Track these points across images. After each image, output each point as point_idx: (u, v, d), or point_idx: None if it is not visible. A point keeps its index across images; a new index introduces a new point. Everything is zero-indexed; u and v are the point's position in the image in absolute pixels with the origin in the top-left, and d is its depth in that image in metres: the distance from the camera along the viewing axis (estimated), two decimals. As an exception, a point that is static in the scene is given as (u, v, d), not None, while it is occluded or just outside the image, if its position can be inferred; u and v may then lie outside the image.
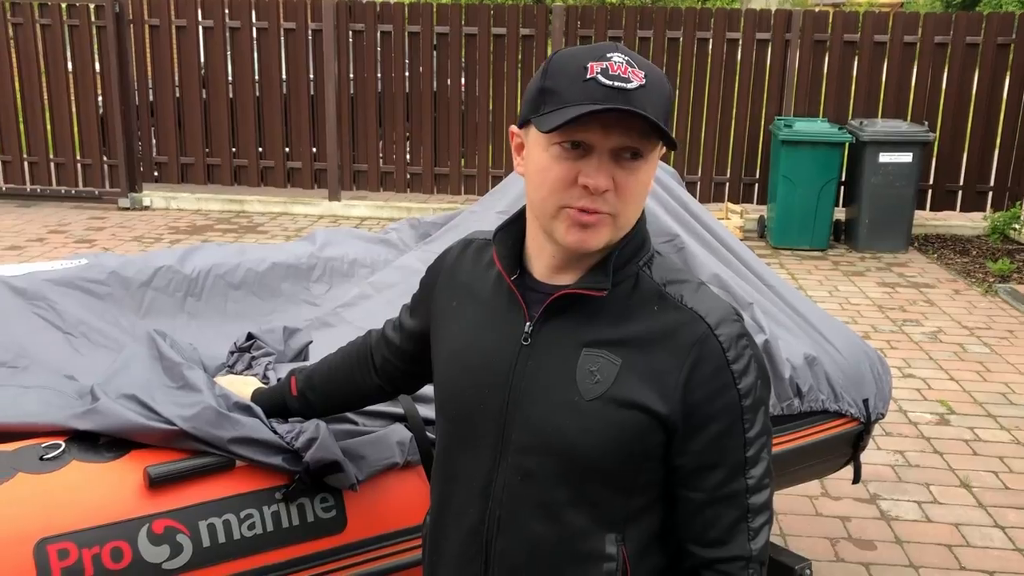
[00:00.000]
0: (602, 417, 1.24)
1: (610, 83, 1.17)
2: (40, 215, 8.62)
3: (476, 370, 1.32)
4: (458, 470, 1.34)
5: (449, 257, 1.46)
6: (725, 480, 1.27)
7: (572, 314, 1.28)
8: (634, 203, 1.25)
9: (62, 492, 1.51)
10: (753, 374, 1.28)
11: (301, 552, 1.66)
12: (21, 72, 8.92)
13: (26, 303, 2.51)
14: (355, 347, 1.66)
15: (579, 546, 1.29)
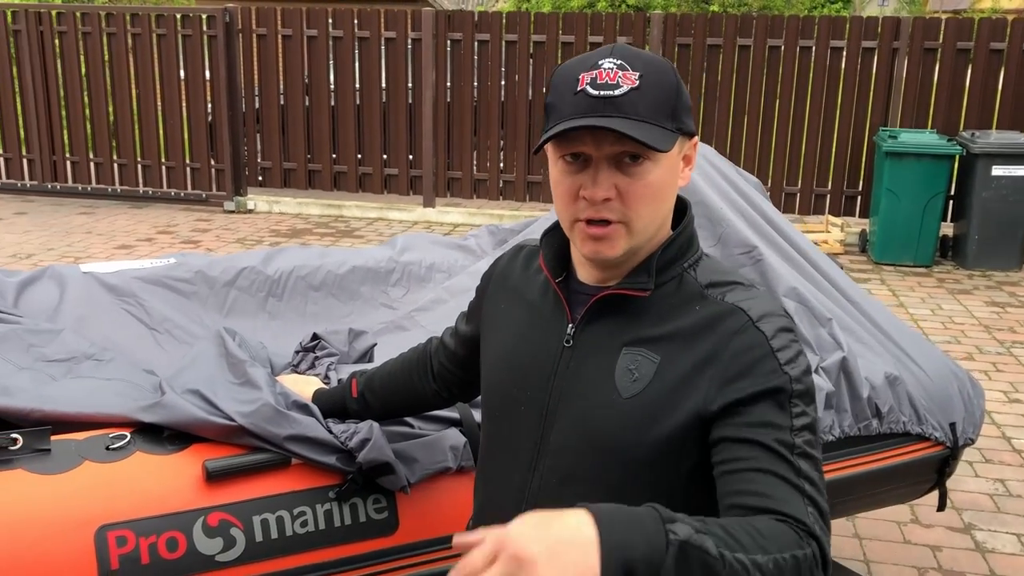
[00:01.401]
0: (641, 414, 1.22)
1: (597, 93, 1.17)
2: (151, 216, 9.02)
3: (520, 371, 1.33)
4: (497, 472, 1.34)
5: (500, 263, 1.47)
6: (774, 457, 1.14)
7: (614, 315, 1.27)
8: (646, 206, 1.22)
9: (124, 481, 1.56)
10: (802, 365, 1.21)
11: (352, 552, 1.68)
12: (138, 80, 9.36)
13: (116, 299, 2.62)
14: (416, 352, 1.68)
15: None
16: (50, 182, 9.77)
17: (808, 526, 1.11)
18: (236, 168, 9.37)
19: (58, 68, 9.48)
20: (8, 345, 2.16)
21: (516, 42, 8.89)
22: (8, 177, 9.89)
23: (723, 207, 2.65)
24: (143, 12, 9.17)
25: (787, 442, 1.17)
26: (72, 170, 9.77)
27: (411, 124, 9.18)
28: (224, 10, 9.05)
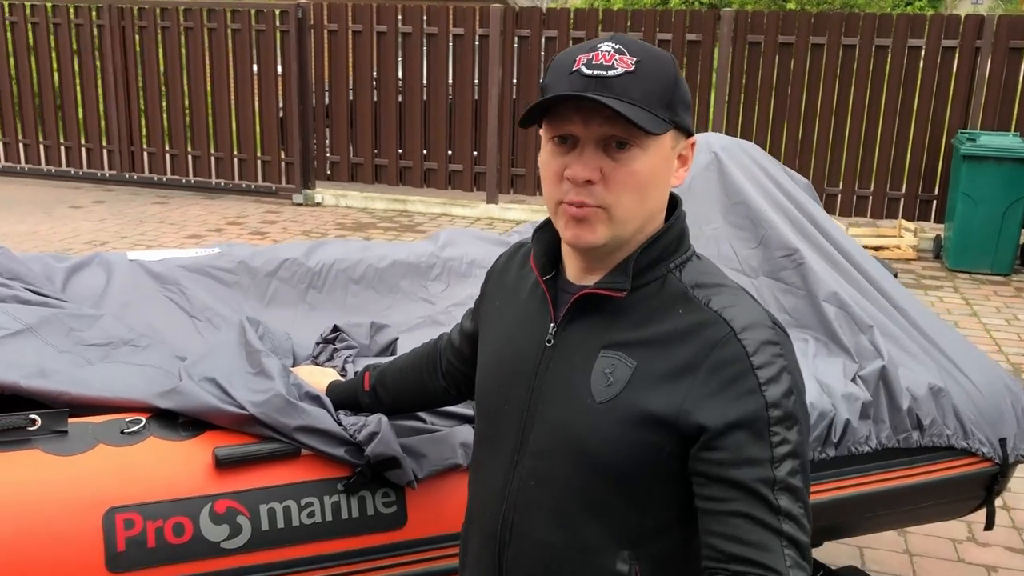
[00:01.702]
0: (612, 420, 1.18)
1: (590, 72, 1.15)
2: (222, 207, 9.23)
3: (505, 370, 1.31)
4: (483, 472, 1.33)
5: (500, 260, 1.45)
6: (750, 497, 1.12)
7: (596, 315, 1.24)
8: (629, 194, 1.18)
9: (136, 465, 1.59)
10: (784, 384, 1.15)
11: (359, 544, 1.68)
12: (212, 74, 9.59)
13: (160, 287, 2.67)
14: (427, 349, 1.67)
15: (590, 559, 1.22)
16: (128, 172, 10.09)
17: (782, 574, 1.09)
18: (305, 162, 9.53)
19: (138, 62, 9.77)
20: (50, 329, 2.22)
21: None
22: (89, 167, 10.24)
23: (766, 208, 2.59)
24: (219, 7, 9.39)
25: (767, 478, 1.12)
26: (149, 161, 10.06)
27: (476, 120, 9.20)
28: (297, 6, 9.21)
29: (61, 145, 10.24)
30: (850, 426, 2.15)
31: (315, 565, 1.65)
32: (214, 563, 1.58)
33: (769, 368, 1.15)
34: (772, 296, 2.52)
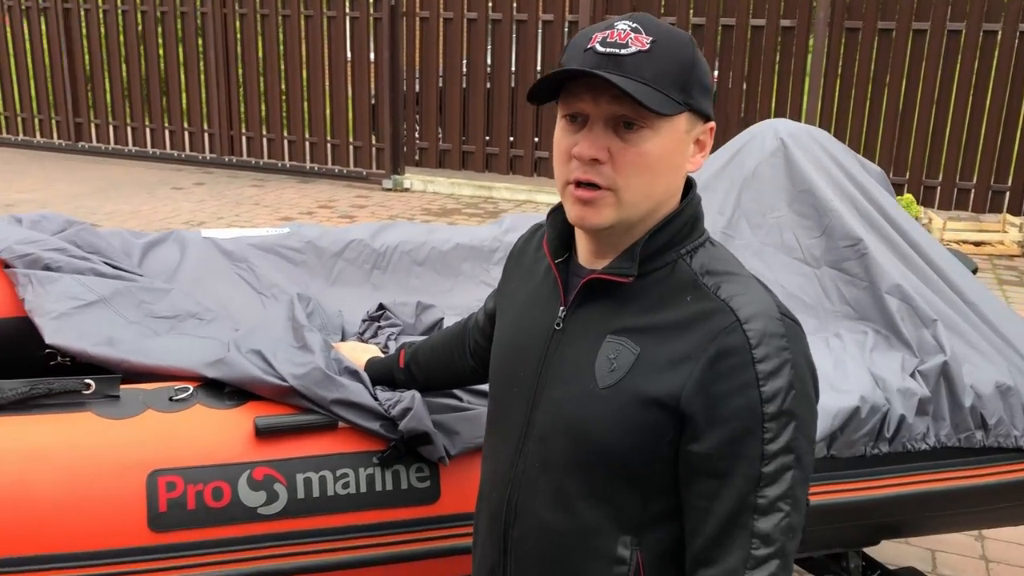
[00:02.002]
0: (614, 406, 1.18)
1: (604, 50, 1.13)
2: (314, 190, 9.47)
3: (516, 352, 1.31)
4: (494, 452, 1.34)
5: (520, 242, 1.45)
6: (732, 494, 1.13)
7: (603, 300, 1.23)
8: (637, 176, 1.16)
9: (180, 431, 1.67)
10: (784, 379, 1.13)
11: (391, 517, 1.72)
12: (308, 61, 9.83)
13: (231, 264, 2.78)
14: (457, 328, 1.69)
15: (591, 543, 1.22)
16: (227, 155, 10.44)
17: None
18: (395, 147, 9.68)
19: (238, 50, 10.09)
20: (123, 300, 2.34)
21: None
22: (191, 150, 10.64)
23: (831, 197, 2.52)
24: (316, -5, 9.61)
25: (751, 475, 1.12)
26: (247, 145, 10.39)
27: (565, 107, 9.19)
28: (390, -7, 9.35)
29: (166, 129, 10.67)
30: (905, 422, 2.08)
31: (348, 535, 1.70)
32: (251, 527, 1.64)
33: (770, 361, 1.13)
34: (834, 286, 2.45)
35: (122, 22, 10.44)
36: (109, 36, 10.52)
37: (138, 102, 10.63)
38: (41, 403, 1.65)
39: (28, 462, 1.56)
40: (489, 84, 9.41)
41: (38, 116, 11.15)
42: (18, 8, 10.79)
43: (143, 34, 10.43)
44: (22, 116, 11.24)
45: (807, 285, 2.48)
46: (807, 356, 1.19)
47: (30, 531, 1.53)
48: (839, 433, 2.04)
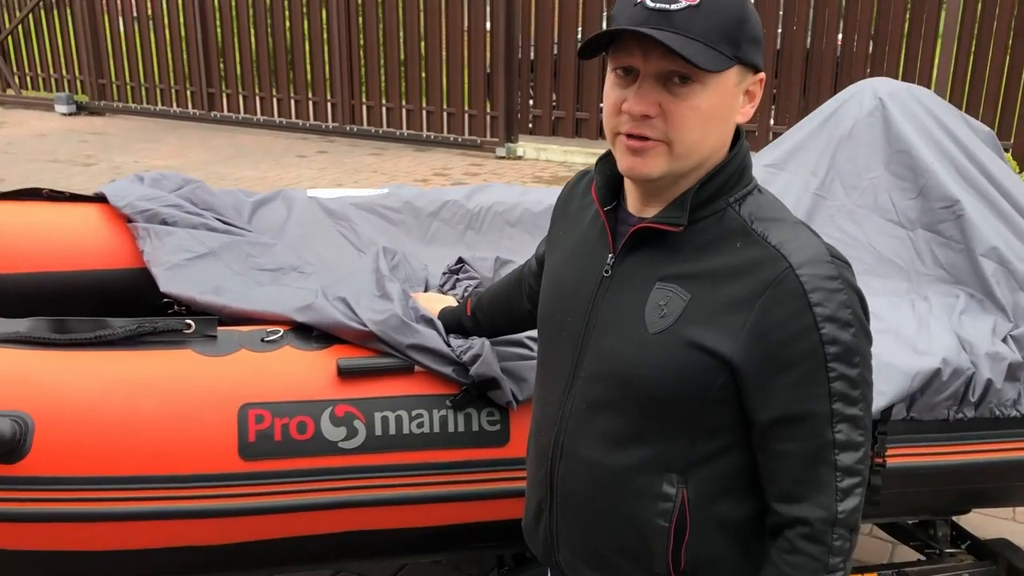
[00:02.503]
0: (664, 351, 1.21)
1: (654, 5, 1.14)
2: (430, 159, 9.67)
3: (564, 298, 1.35)
4: (543, 393, 1.39)
5: (567, 188, 1.48)
6: (808, 433, 1.18)
7: (652, 248, 1.25)
8: (690, 130, 1.18)
9: (270, 369, 1.80)
10: (843, 318, 1.16)
11: (463, 456, 1.81)
12: (426, 31, 10.00)
13: (333, 222, 2.92)
14: (514, 275, 1.75)
15: (636, 480, 1.27)
16: (348, 124, 10.76)
17: (829, 512, 1.19)
18: (509, 116, 9.77)
19: (360, 21, 10.35)
20: (231, 253, 2.51)
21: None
22: (315, 119, 11.01)
23: (928, 158, 2.45)
24: (434, -35, 9.76)
25: (824, 413, 1.17)
26: (367, 114, 10.68)
27: (680, 74, 9.07)
28: (506, -39, 9.40)
29: (291, 99, 11.07)
30: (992, 387, 2.03)
31: (422, 471, 1.80)
32: (331, 460, 1.76)
33: (827, 304, 1.16)
34: (928, 249, 2.39)
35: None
36: (240, 10, 10.97)
37: (266, 73, 11.06)
38: (147, 340, 1.80)
39: (134, 392, 1.72)
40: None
41: (174, 87, 11.75)
42: (157, -16, 11.38)
43: (271, 7, 10.82)
44: (160, 87, 11.87)
45: (900, 248, 2.43)
46: (859, 292, 1.22)
47: (135, 453, 1.69)
48: (919, 395, 2.01)
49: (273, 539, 1.81)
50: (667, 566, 1.27)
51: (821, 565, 1.19)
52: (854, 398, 1.19)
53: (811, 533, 1.19)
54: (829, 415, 1.17)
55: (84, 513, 1.68)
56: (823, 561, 1.19)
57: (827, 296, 1.16)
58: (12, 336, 1.75)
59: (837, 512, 1.19)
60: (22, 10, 12.53)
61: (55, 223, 2.63)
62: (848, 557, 1.22)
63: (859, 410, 1.19)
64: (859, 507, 1.21)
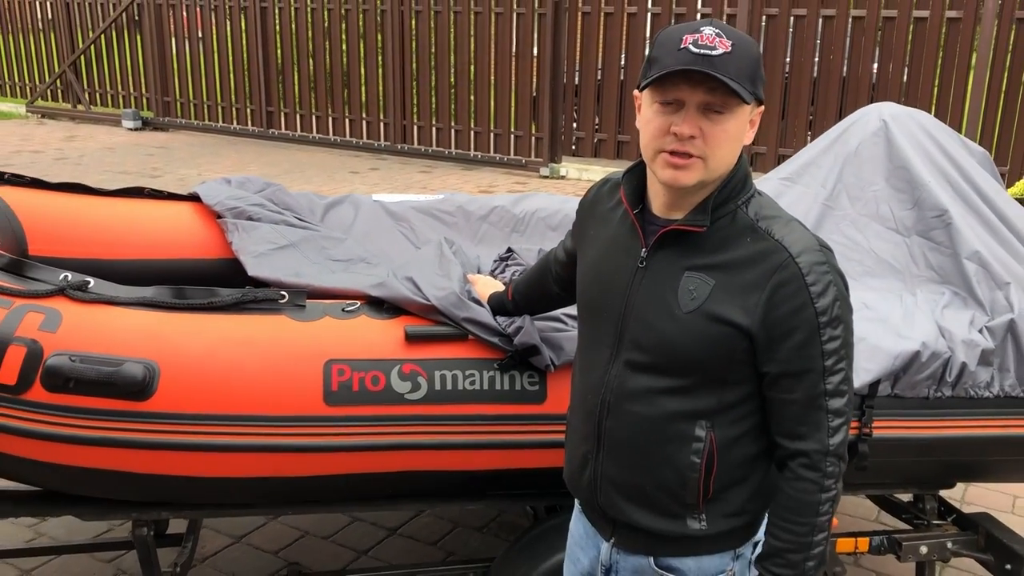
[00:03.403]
0: (696, 325, 1.53)
1: (698, 51, 1.44)
2: (476, 177, 10.09)
3: (604, 283, 1.66)
4: (587, 362, 1.70)
5: (591, 193, 1.80)
6: (807, 384, 1.51)
7: (679, 244, 1.57)
8: (721, 149, 1.49)
9: (350, 333, 2.16)
10: (831, 295, 1.49)
11: (507, 411, 2.16)
12: (476, 55, 10.45)
13: (394, 222, 3.30)
14: (542, 263, 2.08)
15: (673, 427, 1.58)
16: (400, 143, 11.24)
17: (823, 446, 1.52)
18: (553, 137, 10.17)
19: (413, 44, 10.85)
20: (308, 245, 2.90)
21: (834, 17, 8.72)
22: (368, 138, 11.51)
23: (923, 173, 2.76)
24: (485, -7, 10.22)
25: (818, 368, 1.51)
26: (418, 133, 11.15)
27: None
28: (554, -11, 9.83)
29: (346, 118, 11.59)
30: (967, 369, 2.33)
31: (472, 421, 2.14)
32: (399, 408, 2.12)
33: (818, 284, 1.50)
34: (921, 253, 2.70)
35: (311, 19, 11.42)
36: (299, 33, 11.53)
37: (323, 93, 11.60)
38: (249, 307, 2.18)
39: (239, 347, 2.09)
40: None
41: (235, 105, 12.35)
42: (223, 7, 11.99)
43: (328, 30, 11.37)
44: (222, 105, 12.48)
45: (897, 252, 2.74)
46: (841, 274, 1.55)
47: (239, 396, 2.06)
48: (901, 374, 2.31)
49: (347, 474, 2.17)
50: (697, 495, 1.59)
51: (818, 487, 1.52)
52: (840, 356, 1.52)
53: (810, 463, 1.52)
54: (822, 370, 1.51)
55: (196, 444, 2.06)
56: (820, 484, 1.52)
57: (819, 277, 1.49)
58: (141, 300, 2.14)
59: (829, 445, 1.52)
60: (95, 31, 13.23)
61: (155, 218, 3.05)
62: (839, 480, 1.54)
63: (844, 365, 1.52)
64: (845, 440, 1.54)
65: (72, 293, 2.11)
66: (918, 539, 2.63)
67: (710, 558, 1.64)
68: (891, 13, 8.51)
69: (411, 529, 3.37)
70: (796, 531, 1.53)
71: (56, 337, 2.04)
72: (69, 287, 2.12)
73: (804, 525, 1.53)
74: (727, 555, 1.64)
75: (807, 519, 1.52)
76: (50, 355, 2.02)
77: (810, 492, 1.52)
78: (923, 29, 8.43)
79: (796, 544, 1.53)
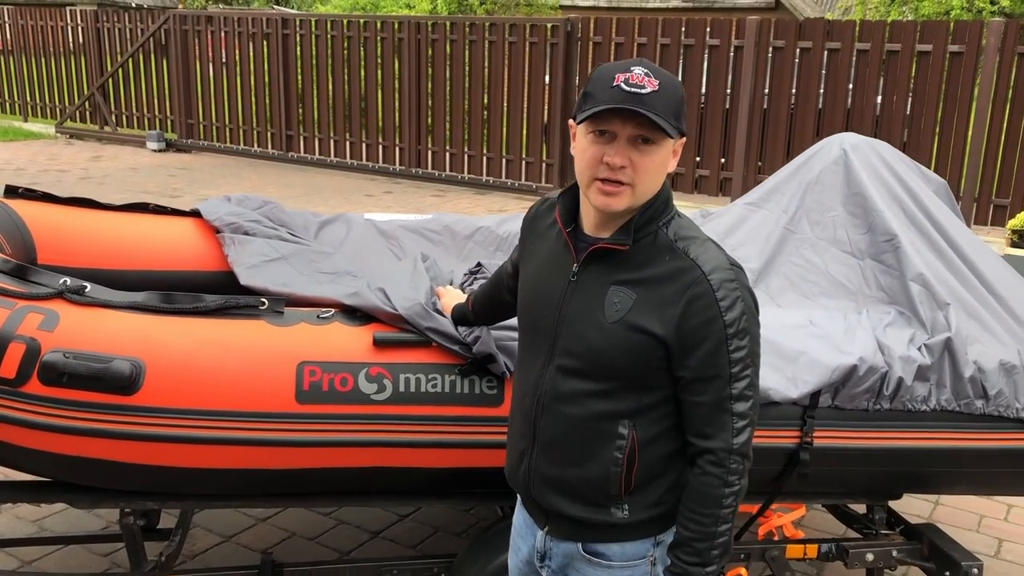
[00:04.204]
0: (619, 335, 1.69)
1: (629, 89, 1.60)
2: (487, 201, 10.30)
3: (541, 295, 1.82)
4: (524, 367, 1.87)
5: (533, 211, 1.97)
6: (715, 389, 1.66)
7: (606, 260, 1.73)
8: (648, 177, 1.65)
9: (322, 337, 2.34)
10: (738, 309, 1.65)
11: (466, 412, 2.32)
12: (490, 83, 10.70)
13: (384, 240, 3.50)
14: (495, 277, 2.25)
15: (600, 427, 1.74)
16: (414, 168, 11.48)
17: (727, 444, 1.67)
18: (563, 163, 10.37)
19: (429, 71, 11.12)
20: (298, 259, 3.10)
21: (839, 51, 8.89)
22: (383, 162, 11.77)
23: (877, 200, 2.91)
24: (499, 23, 10.47)
25: (725, 375, 1.66)
26: (432, 158, 11.40)
27: (726, 127, 9.56)
28: (567, 20, 10.07)
29: (363, 142, 11.86)
30: (904, 384, 2.47)
31: (434, 422, 2.31)
32: (365, 408, 2.29)
33: (727, 299, 1.65)
34: (873, 276, 2.84)
35: (331, 46, 11.74)
36: (319, 59, 11.85)
37: (340, 118, 11.89)
38: (231, 312, 2.37)
39: (220, 348, 2.28)
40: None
41: (256, 128, 12.67)
42: (246, 33, 12.34)
43: (347, 57, 11.67)
44: (243, 128, 12.80)
45: (851, 274, 2.89)
46: (750, 289, 1.71)
47: (218, 393, 2.24)
48: (841, 387, 2.46)
49: (317, 468, 2.34)
50: (620, 487, 1.75)
51: (722, 482, 1.68)
52: (746, 364, 1.67)
53: (715, 459, 1.68)
54: (728, 376, 1.66)
55: (178, 436, 2.24)
56: (724, 479, 1.68)
57: (727, 293, 1.65)
58: (131, 303, 2.34)
59: (733, 444, 1.67)
60: (124, 55, 13.63)
61: (158, 232, 3.26)
62: (743, 476, 1.70)
63: (749, 373, 1.68)
64: (749, 441, 1.69)
65: (70, 296, 2.31)
66: (865, 547, 2.76)
67: (633, 544, 1.79)
68: (895, 47, 8.67)
69: (393, 532, 3.52)
70: (702, 522, 1.68)
71: (53, 336, 2.24)
72: (67, 291, 2.32)
73: (709, 516, 1.68)
74: (648, 541, 1.79)
75: (712, 511, 1.68)
76: (47, 352, 2.21)
77: (715, 486, 1.67)
78: (926, 62, 8.57)
79: (702, 533, 1.68)
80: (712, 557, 1.69)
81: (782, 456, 2.48)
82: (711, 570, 1.69)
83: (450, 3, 15.18)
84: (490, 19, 10.62)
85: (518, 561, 1.98)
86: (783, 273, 3.00)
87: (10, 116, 15.56)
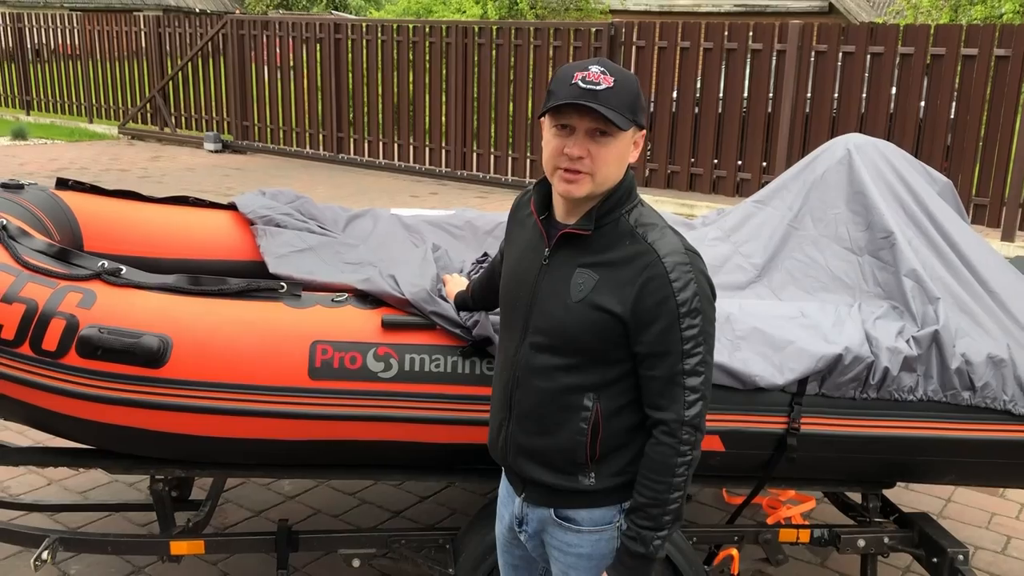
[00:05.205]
0: (582, 313, 1.84)
1: (584, 86, 1.77)
2: (530, 203, 10.44)
3: (518, 278, 1.97)
4: (503, 344, 2.02)
5: (516, 201, 2.12)
6: (668, 364, 1.80)
7: (573, 245, 1.88)
8: (607, 166, 1.80)
9: (335, 319, 2.52)
10: (691, 290, 1.78)
11: (468, 391, 2.48)
12: (535, 86, 10.85)
13: (408, 234, 3.68)
14: (491, 264, 2.40)
15: (567, 399, 1.88)
16: (459, 170, 11.70)
17: (679, 416, 1.80)
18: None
19: (475, 75, 11.33)
20: (325, 250, 3.29)
21: (882, 55, 8.86)
22: (430, 164, 12.01)
23: (877, 198, 3.00)
24: (544, 27, 10.64)
25: (678, 351, 1.80)
26: (477, 161, 11.60)
27: (768, 132, 9.59)
28: (610, 24, 10.19)
29: (411, 145, 12.12)
30: (890, 374, 2.56)
31: (436, 399, 2.48)
32: (373, 384, 2.46)
33: (680, 281, 1.79)
34: (871, 271, 2.93)
35: (381, 50, 12.02)
36: (370, 64, 12.14)
37: (389, 121, 12.16)
38: (252, 295, 2.56)
39: (240, 326, 2.47)
40: (697, 109, 9.98)
41: (308, 130, 13.02)
42: (300, 38, 12.69)
43: (397, 61, 11.94)
44: (296, 130, 13.16)
45: (850, 269, 2.98)
46: (704, 273, 1.84)
47: (238, 368, 2.43)
48: (827, 376, 2.56)
49: (327, 440, 2.52)
50: (586, 456, 1.89)
51: (675, 451, 1.81)
52: (698, 341, 1.80)
53: (668, 430, 1.81)
54: (681, 352, 1.79)
55: (201, 407, 2.44)
56: (676, 449, 1.81)
57: (680, 275, 1.79)
58: (162, 285, 2.55)
59: (684, 416, 1.80)
60: (183, 59, 14.10)
61: (196, 223, 3.48)
62: (695, 447, 1.83)
63: (701, 350, 1.80)
64: (701, 413, 1.81)
65: (106, 277, 2.53)
66: (857, 533, 2.85)
67: (600, 510, 1.93)
68: (939, 51, 8.62)
69: (414, 512, 3.70)
70: (656, 488, 1.81)
71: (90, 313, 2.45)
72: (104, 272, 2.54)
73: (662, 484, 1.81)
74: (614, 508, 1.93)
75: (665, 479, 1.81)
76: (84, 327, 2.42)
77: (668, 456, 1.80)
78: (971, 66, 8.51)
79: (655, 500, 1.81)
80: (664, 523, 1.82)
81: (771, 441, 2.59)
82: (662, 534, 1.82)
83: (500, 8, 15.36)
84: (535, 24, 10.79)
85: (502, 528, 2.13)
86: (785, 268, 3.11)
87: (76, 117, 16.19)
